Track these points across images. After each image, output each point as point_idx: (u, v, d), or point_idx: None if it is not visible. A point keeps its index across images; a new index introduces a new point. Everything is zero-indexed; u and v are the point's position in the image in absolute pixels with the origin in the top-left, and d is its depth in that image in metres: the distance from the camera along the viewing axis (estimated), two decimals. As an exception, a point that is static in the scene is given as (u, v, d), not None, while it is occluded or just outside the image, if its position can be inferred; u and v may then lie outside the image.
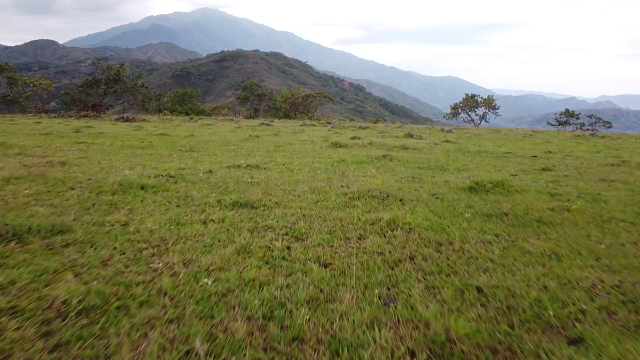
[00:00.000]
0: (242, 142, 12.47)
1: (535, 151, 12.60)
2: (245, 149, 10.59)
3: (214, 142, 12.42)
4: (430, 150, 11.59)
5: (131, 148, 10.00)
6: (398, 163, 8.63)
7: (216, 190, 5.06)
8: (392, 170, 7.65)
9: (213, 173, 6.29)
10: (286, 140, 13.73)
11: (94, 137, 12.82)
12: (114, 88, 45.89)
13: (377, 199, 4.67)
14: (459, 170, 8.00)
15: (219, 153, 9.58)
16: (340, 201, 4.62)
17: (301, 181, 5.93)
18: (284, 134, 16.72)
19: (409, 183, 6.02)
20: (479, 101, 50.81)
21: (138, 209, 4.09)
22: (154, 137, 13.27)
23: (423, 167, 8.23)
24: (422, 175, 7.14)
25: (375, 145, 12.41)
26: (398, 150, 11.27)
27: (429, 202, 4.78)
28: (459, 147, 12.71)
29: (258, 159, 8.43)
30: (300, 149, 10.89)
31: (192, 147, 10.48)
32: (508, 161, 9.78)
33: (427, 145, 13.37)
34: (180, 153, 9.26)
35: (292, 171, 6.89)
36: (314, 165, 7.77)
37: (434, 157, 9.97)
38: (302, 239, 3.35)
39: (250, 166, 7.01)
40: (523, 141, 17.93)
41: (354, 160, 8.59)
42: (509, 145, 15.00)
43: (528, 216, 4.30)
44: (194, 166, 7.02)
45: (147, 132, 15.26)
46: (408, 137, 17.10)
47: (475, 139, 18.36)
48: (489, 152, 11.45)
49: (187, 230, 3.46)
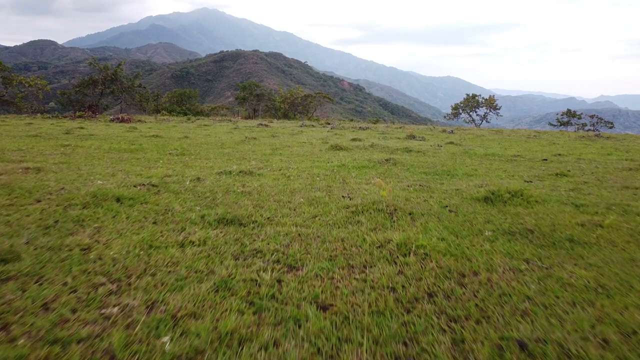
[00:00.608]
0: (238, 145, 11.90)
1: (544, 154, 12.06)
2: (240, 152, 10.03)
3: (208, 144, 11.85)
4: (435, 153, 11.03)
5: (119, 151, 9.43)
6: (402, 168, 8.07)
7: (202, 202, 4.50)
8: (396, 176, 7.09)
9: (201, 181, 5.72)
10: (284, 142, 13.17)
11: (83, 139, 12.25)
12: (111, 88, 45.26)
13: (384, 213, 4.11)
14: (468, 175, 7.45)
15: (212, 157, 9.01)
16: (341, 216, 4.05)
17: (298, 190, 5.37)
18: (282, 136, 16.16)
19: (417, 192, 5.46)
20: (480, 101, 50.24)
21: (107, 227, 3.53)
22: (145, 139, 12.70)
23: (429, 172, 7.67)
24: (429, 182, 6.59)
25: (377, 147, 11.85)
26: (401, 153, 10.71)
27: (441, 216, 4.22)
28: (464, 150, 12.15)
29: (252, 164, 7.87)
30: (298, 152, 10.34)
31: (183, 150, 9.92)
32: (518, 165, 9.22)
33: (431, 147, 12.81)
34: (169, 157, 8.69)
35: (288, 178, 6.33)
36: (313, 171, 7.21)
37: (440, 161, 9.41)
38: (296, 267, 2.79)
39: (243, 173, 6.44)
40: (528, 142, 17.38)
41: (356, 165, 8.03)
42: (516, 147, 14.45)
43: (557, 234, 3.74)
44: (181, 173, 6.46)
45: (139, 134, 14.68)
46: (410, 139, 16.55)
47: (479, 140, 17.81)
48: (497, 155, 10.89)
49: (160, 256, 2.90)
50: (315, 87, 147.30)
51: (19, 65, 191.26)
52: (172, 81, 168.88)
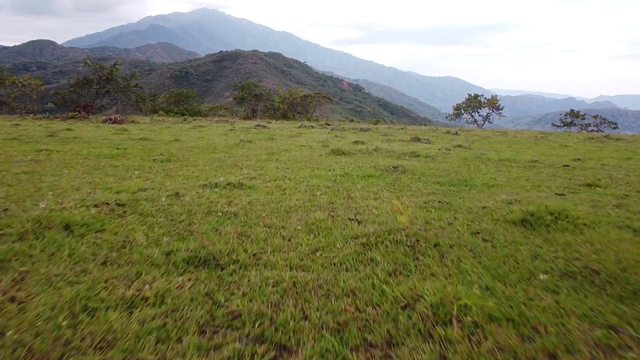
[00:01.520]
0: (231, 149, 11.00)
1: (562, 158, 11.17)
2: (232, 158, 9.13)
3: (199, 148, 10.95)
4: (445, 159, 10.14)
5: (98, 157, 8.53)
6: (413, 177, 7.17)
7: (173, 229, 3.60)
8: (408, 188, 6.19)
9: (180, 197, 4.82)
10: (281, 145, 12.27)
11: (64, 142, 11.34)
12: (106, 88, 44.30)
13: (403, 246, 3.22)
14: (488, 186, 6.56)
15: (200, 164, 8.11)
16: (349, 251, 3.15)
17: (295, 209, 4.48)
18: (280, 138, 15.26)
19: (438, 211, 4.56)
20: (483, 101, 49.37)
21: (38, 271, 2.63)
22: (132, 143, 11.79)
23: (444, 182, 6.78)
24: (447, 195, 5.70)
25: (381, 152, 10.96)
26: (409, 159, 9.82)
27: (475, 248, 3.33)
28: (475, 154, 11.26)
29: (244, 173, 6.96)
30: (297, 158, 9.44)
31: (170, 156, 9.01)
32: (539, 173, 8.33)
33: (439, 151, 11.92)
34: (152, 164, 7.79)
35: (284, 192, 5.43)
36: (312, 182, 6.31)
37: (453, 168, 8.52)
38: (289, 348, 1.90)
39: (232, 185, 5.54)
40: (539, 145, 16.50)
41: (361, 174, 7.13)
42: (528, 150, 13.56)
43: (631, 276, 2.85)
44: (160, 185, 5.56)
45: (127, 137, 13.78)
46: (415, 142, 15.66)
47: (486, 142, 16.93)
48: (512, 161, 10.00)
49: (92, 327, 2.00)
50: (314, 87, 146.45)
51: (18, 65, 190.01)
52: (172, 81, 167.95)
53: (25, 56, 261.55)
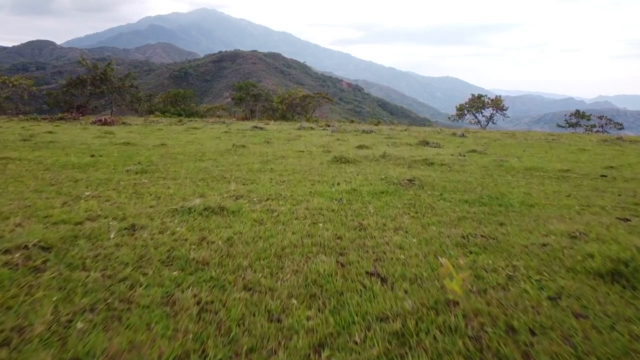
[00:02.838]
0: (222, 156, 9.78)
1: (592, 166, 9.96)
2: (220, 168, 7.90)
3: (185, 154, 9.73)
4: (463, 167, 8.93)
5: (62, 168, 7.30)
6: (434, 194, 5.96)
7: (101, 302, 2.37)
8: (431, 210, 4.97)
9: (137, 231, 3.60)
10: (278, 151, 11.04)
11: (35, 149, 10.11)
12: (100, 88, 43.00)
13: (463, 339, 2.00)
14: (527, 207, 5.34)
15: (181, 175, 6.89)
16: (375, 351, 1.94)
17: (289, 252, 3.26)
18: (277, 142, 14.04)
19: (486, 255, 3.34)
20: (486, 102, 48.17)
21: None
22: (111, 148, 10.56)
23: (473, 200, 5.57)
24: (482, 220, 4.49)
25: (390, 159, 9.74)
26: (423, 168, 8.60)
27: (571, 335, 2.12)
28: (494, 161, 10.03)
29: (231, 189, 5.74)
30: (295, 167, 8.22)
31: (148, 165, 7.79)
32: (578, 186, 7.11)
33: (453, 157, 10.71)
34: (122, 177, 6.56)
35: (276, 220, 4.21)
36: (313, 202, 5.09)
37: (476, 180, 7.31)
38: None
39: (210, 210, 4.32)
40: (554, 148, 15.30)
41: (371, 190, 5.91)
42: (547, 155, 12.34)
43: None
44: (118, 210, 4.33)
45: (109, 141, 12.54)
46: (424, 146, 14.45)
47: (498, 146, 15.73)
48: (540, 170, 8.77)
49: None
50: (314, 88, 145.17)
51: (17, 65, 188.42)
52: (171, 81, 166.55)
53: (24, 56, 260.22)
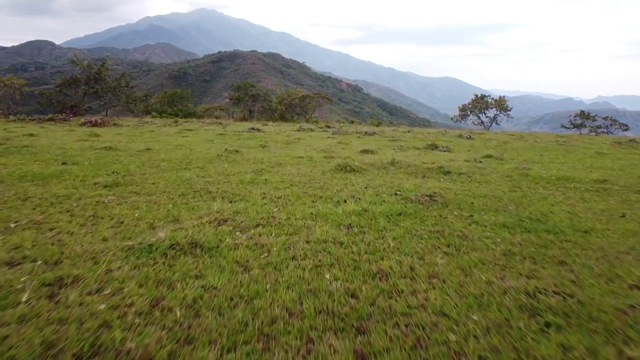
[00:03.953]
0: (211, 163, 8.69)
1: (622, 173, 8.88)
2: (206, 179, 6.82)
3: (170, 161, 8.64)
4: (485, 177, 7.84)
5: (20, 180, 6.20)
6: (462, 214, 4.87)
7: None
8: (467, 241, 3.89)
9: (62, 291, 2.51)
10: (274, 157, 9.95)
11: (3, 154, 9.01)
12: (94, 88, 41.83)
13: None
14: (583, 233, 4.26)
15: (157, 190, 5.80)
16: None
17: (281, 327, 2.18)
18: (274, 146, 12.94)
19: (578, 336, 2.27)
20: (490, 102, 47.06)
21: None
22: (90, 154, 9.47)
23: (512, 225, 4.49)
24: (536, 257, 3.43)
25: (400, 166, 8.65)
26: (440, 179, 7.51)
27: None
28: (517, 169, 8.94)
29: (213, 211, 4.66)
30: (293, 177, 7.13)
31: (123, 176, 6.69)
32: (629, 203, 6.01)
33: (469, 164, 9.63)
34: (86, 193, 5.47)
35: (266, 263, 3.11)
36: (315, 231, 4.00)
37: (505, 194, 6.23)
38: None
39: (177, 248, 3.23)
40: (571, 152, 14.24)
41: (386, 211, 4.82)
42: (569, 161, 11.27)
43: None
44: (58, 246, 3.25)
45: (90, 145, 11.44)
46: (433, 150, 13.37)
47: (511, 149, 14.66)
48: (574, 180, 7.68)
49: None
50: (313, 88, 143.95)
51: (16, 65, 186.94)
52: (170, 81, 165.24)
53: (23, 56, 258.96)
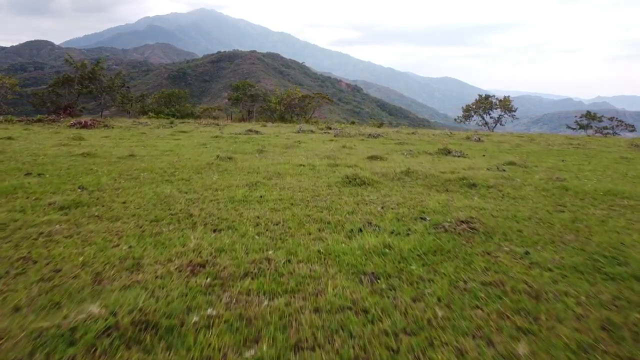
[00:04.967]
0: (199, 173, 7.54)
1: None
2: (190, 196, 5.67)
3: (152, 171, 7.50)
4: (517, 190, 6.70)
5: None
6: (514, 251, 3.73)
7: None
8: (538, 302, 2.75)
9: None
10: (272, 166, 8.80)
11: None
12: (88, 88, 40.63)
13: None
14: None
15: (126, 213, 4.66)
16: None
17: None
18: (272, 150, 11.80)
19: None
20: (494, 103, 45.95)
21: None
22: (64, 162, 8.33)
23: (585, 267, 3.36)
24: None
25: (416, 177, 7.50)
26: (468, 194, 6.36)
27: None
28: (550, 180, 7.79)
29: (189, 248, 3.52)
30: (294, 194, 5.98)
31: (91, 192, 5.55)
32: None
33: (493, 173, 8.49)
34: (32, 218, 4.32)
35: None
36: (326, 290, 2.86)
37: (550, 215, 5.09)
38: None
39: (114, 335, 2.11)
40: (594, 157, 13.11)
41: (416, 249, 3.67)
42: (596, 167, 10.13)
43: None
44: None
45: (68, 151, 10.28)
46: (445, 155, 12.23)
47: (529, 154, 13.54)
48: (624, 195, 6.53)
49: None
50: (312, 88, 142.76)
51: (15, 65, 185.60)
52: (169, 82, 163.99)
53: (22, 57, 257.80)
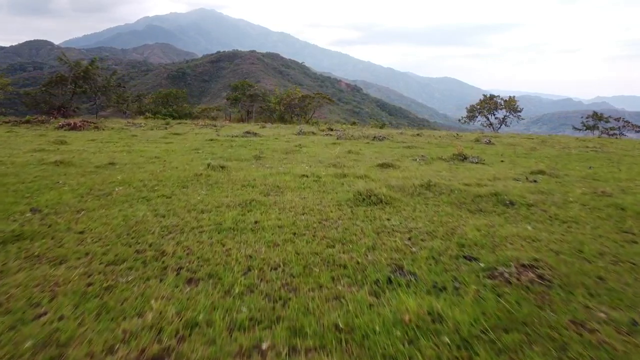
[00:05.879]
0: (184, 188, 6.40)
1: None
2: (168, 221, 4.53)
3: (129, 185, 6.36)
4: (564, 210, 5.57)
5: None
6: (611, 317, 2.60)
7: None
8: None
9: None
10: (271, 176, 7.65)
11: None
12: (82, 87, 39.45)
13: None
14: None
15: (79, 251, 3.52)
16: None
17: None
18: (271, 156, 10.65)
19: None
20: (499, 103, 44.82)
21: None
22: (32, 172, 7.19)
23: None
24: None
25: (440, 192, 6.36)
26: (507, 216, 5.22)
27: None
28: (595, 194, 6.68)
29: (148, 323, 2.37)
30: (295, 217, 4.83)
31: (45, 216, 4.42)
32: None
33: (525, 186, 7.35)
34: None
35: None
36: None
37: (623, 249, 3.97)
38: None
39: None
40: (621, 163, 11.98)
41: (476, 319, 2.55)
42: (630, 177, 9.01)
43: None
44: None
45: (41, 157, 9.13)
46: (462, 161, 11.08)
47: (549, 159, 12.43)
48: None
49: None
50: (312, 88, 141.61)
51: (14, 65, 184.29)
52: (169, 82, 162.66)
53: (22, 56, 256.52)
